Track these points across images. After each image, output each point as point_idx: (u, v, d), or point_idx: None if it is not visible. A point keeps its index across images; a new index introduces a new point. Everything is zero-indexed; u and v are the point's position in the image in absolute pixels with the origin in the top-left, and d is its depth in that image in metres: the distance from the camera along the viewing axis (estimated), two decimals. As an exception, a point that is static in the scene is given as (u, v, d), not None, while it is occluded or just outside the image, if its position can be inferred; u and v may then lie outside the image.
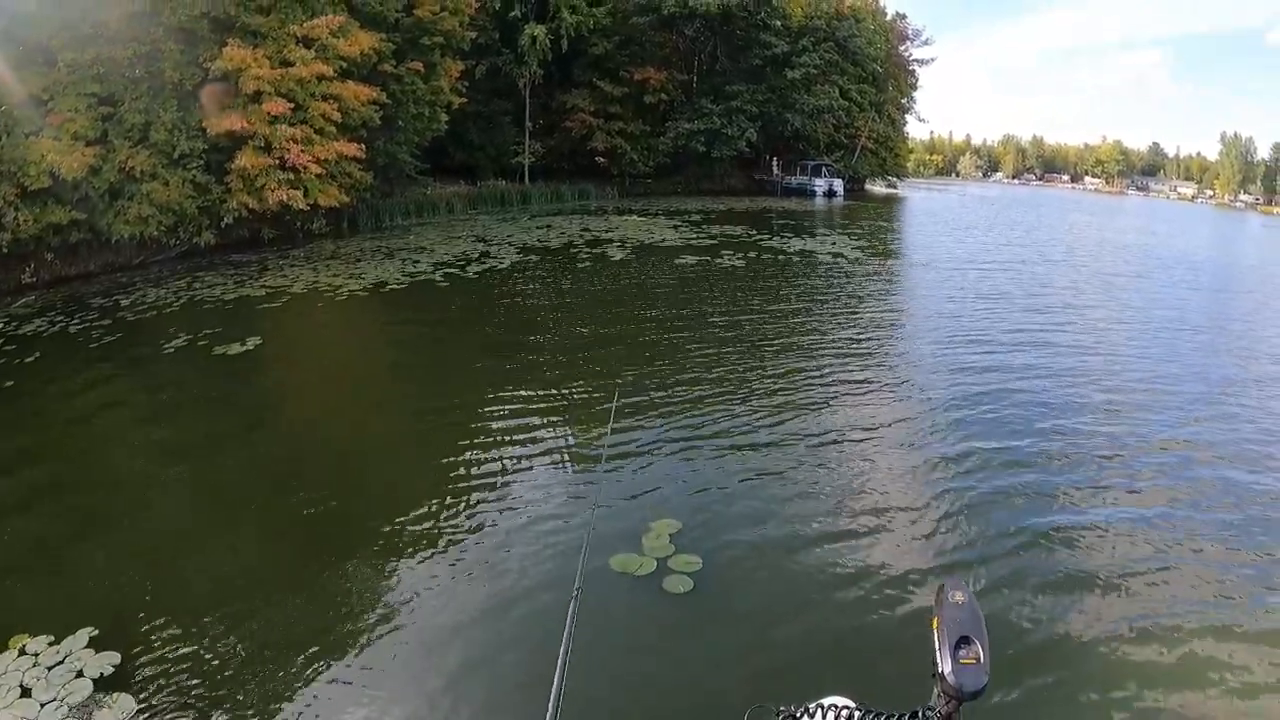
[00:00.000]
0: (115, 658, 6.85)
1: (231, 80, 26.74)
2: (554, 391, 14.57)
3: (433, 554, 8.94)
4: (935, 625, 2.32)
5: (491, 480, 10.83)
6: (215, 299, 21.13)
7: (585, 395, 14.49)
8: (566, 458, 11.66)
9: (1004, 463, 11.94)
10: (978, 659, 2.23)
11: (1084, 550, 9.48)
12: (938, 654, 2.27)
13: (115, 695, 6.47)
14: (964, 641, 2.25)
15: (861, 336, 19.76)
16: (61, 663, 6.77)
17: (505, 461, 11.43)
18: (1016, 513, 10.28)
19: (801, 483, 10.97)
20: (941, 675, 2.24)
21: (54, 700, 6.38)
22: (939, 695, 2.31)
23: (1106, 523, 10.25)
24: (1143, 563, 9.29)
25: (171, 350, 16.49)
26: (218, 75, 26.39)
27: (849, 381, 15.69)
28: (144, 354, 16.49)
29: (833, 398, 14.63)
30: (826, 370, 16.29)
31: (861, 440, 12.63)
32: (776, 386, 15.08)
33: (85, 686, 6.54)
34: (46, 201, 21.69)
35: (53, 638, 7.07)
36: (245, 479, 11.07)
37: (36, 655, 6.86)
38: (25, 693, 6.46)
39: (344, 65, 30.24)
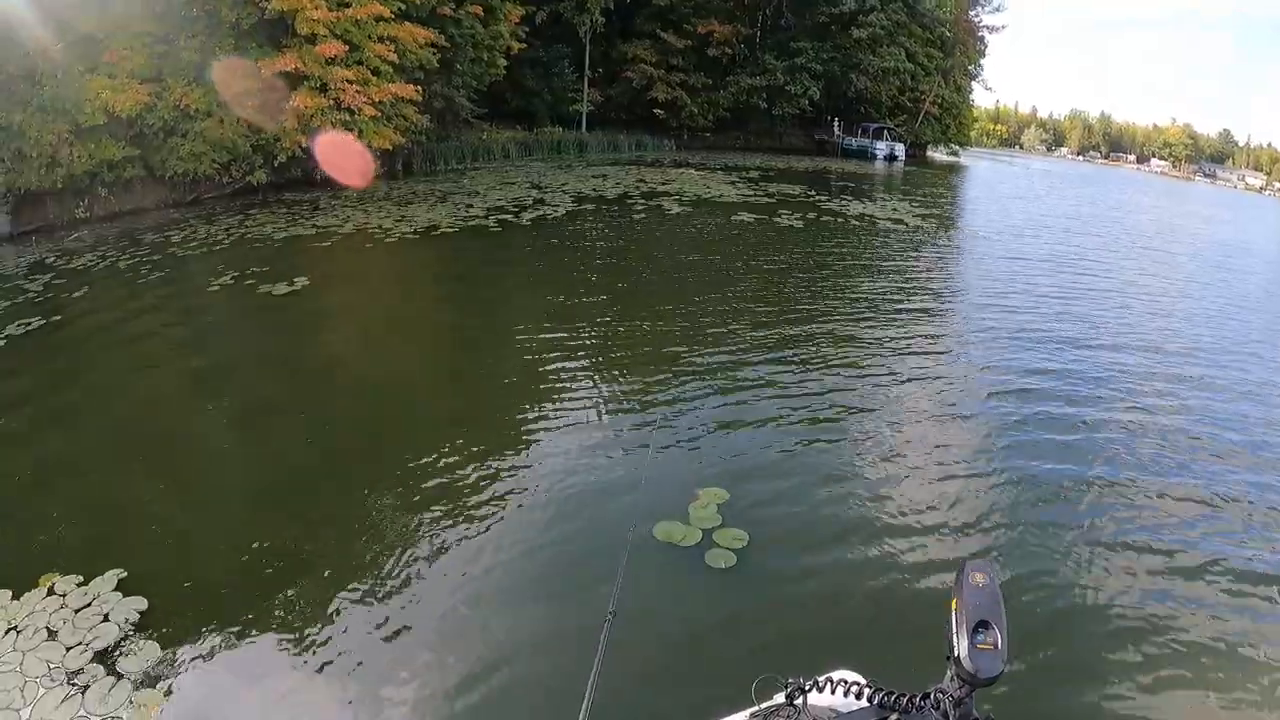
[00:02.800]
0: (142, 603, 6.66)
1: (288, 20, 26.53)
2: (605, 346, 14.20)
3: (466, 506, 8.69)
4: (954, 607, 2.27)
5: (534, 434, 10.54)
6: (265, 237, 21.03)
7: (638, 352, 14.05)
8: (615, 418, 11.24)
9: (1064, 446, 11.39)
10: (995, 644, 2.19)
11: (1132, 544, 9.01)
12: (954, 637, 2.22)
13: (141, 643, 6.28)
14: (982, 626, 2.20)
15: (921, 307, 19.11)
16: (89, 605, 6.60)
17: (550, 416, 11.13)
18: (1069, 502, 9.82)
19: (854, 457, 10.52)
20: (957, 659, 2.20)
21: (79, 644, 6.19)
22: (952, 678, 2.26)
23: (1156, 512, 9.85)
24: (1182, 561, 8.82)
25: (217, 288, 16.36)
26: (274, 15, 26.17)
27: (910, 353, 15.12)
28: (191, 291, 16.38)
29: (894, 371, 14.03)
30: (887, 341, 15.68)
31: (919, 417, 12.13)
32: (835, 355, 14.60)
33: (112, 632, 6.34)
34: (101, 138, 21.70)
35: (81, 578, 6.90)
36: (282, 418, 10.88)
37: (64, 596, 6.69)
38: (51, 635, 6.28)
39: (402, 6, 29.91)
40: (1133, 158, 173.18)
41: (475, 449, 10.03)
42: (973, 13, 77.56)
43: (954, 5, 70.38)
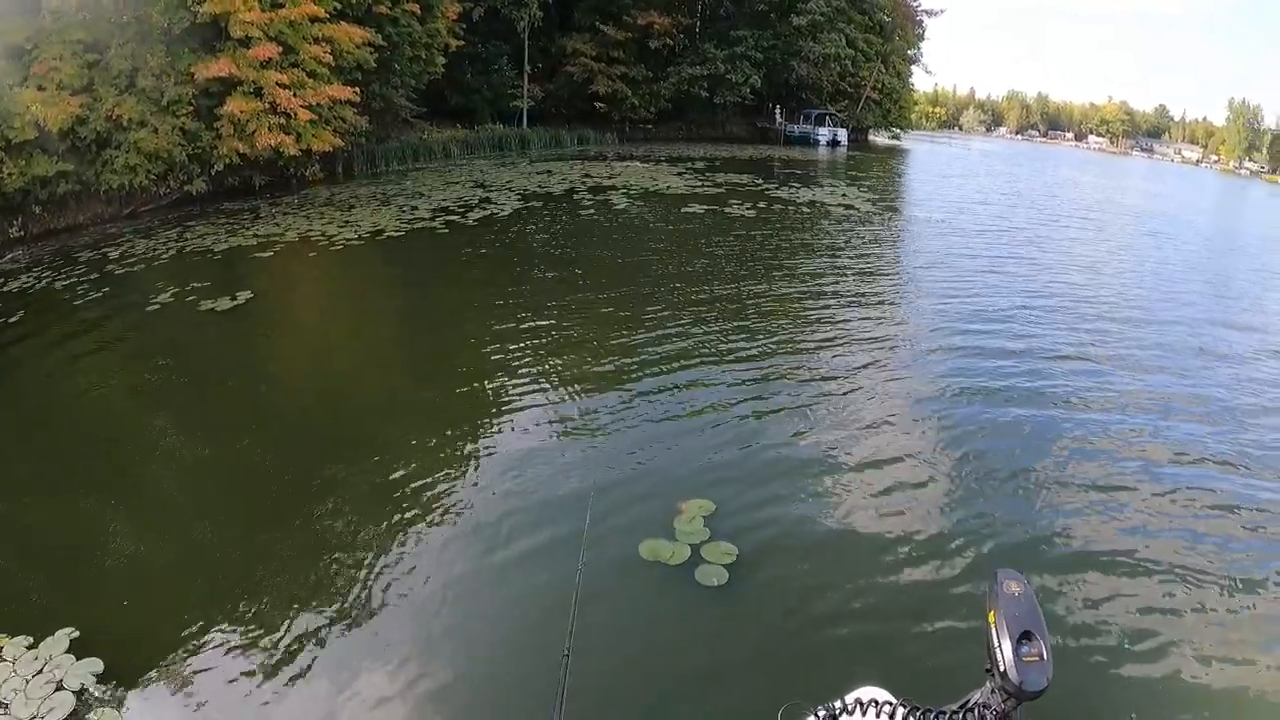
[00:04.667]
0: (98, 665, 6.32)
1: (221, 23, 25.92)
2: (564, 348, 14.12)
3: (430, 522, 8.61)
4: (992, 619, 2.24)
5: (493, 445, 10.50)
6: (205, 250, 20.58)
7: (599, 354, 13.90)
8: (575, 424, 11.15)
9: (1043, 439, 11.60)
10: (1040, 656, 2.16)
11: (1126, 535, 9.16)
12: (998, 650, 2.19)
13: (99, 711, 5.97)
14: (1025, 637, 2.17)
15: (885, 291, 19.52)
16: (40, 672, 6.25)
17: (509, 425, 11.05)
18: (1053, 507, 9.81)
19: (836, 454, 10.53)
20: (1002, 673, 2.17)
21: (34, 716, 5.87)
22: (995, 691, 2.23)
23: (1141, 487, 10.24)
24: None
25: (158, 306, 15.93)
26: (206, 19, 25.55)
27: (880, 339, 15.45)
28: (130, 311, 15.92)
29: (866, 360, 14.22)
30: (856, 328, 15.98)
31: (898, 406, 12.32)
32: (806, 348, 14.69)
33: (67, 702, 6.01)
34: (32, 153, 21.04)
35: (31, 639, 6.55)
36: (234, 446, 10.54)
37: (14, 662, 6.33)
38: (3, 707, 5.96)
39: (337, 6, 29.33)
40: (1070, 135, 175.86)
41: (432, 462, 9.96)
42: (911, -2, 78.26)
43: (892, -10, 70.98)
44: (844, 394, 12.58)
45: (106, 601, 7.25)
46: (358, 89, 30.53)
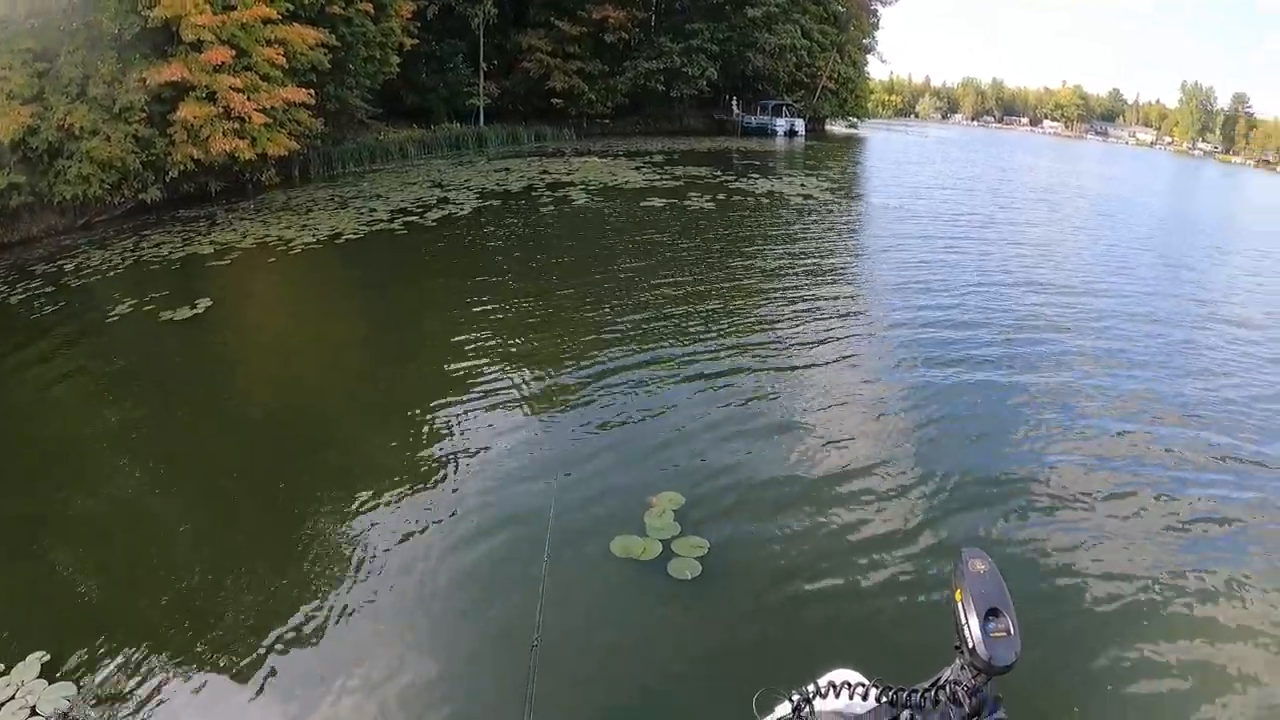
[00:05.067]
0: (70, 689, 6.29)
1: (172, 27, 25.67)
2: (527, 346, 14.22)
3: (397, 524, 8.65)
4: (959, 597, 2.28)
5: (458, 444, 10.52)
6: (162, 259, 20.37)
7: (562, 352, 14.01)
8: (539, 421, 11.29)
9: (1005, 414, 12.04)
10: (1008, 631, 2.20)
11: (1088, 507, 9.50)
12: (965, 627, 2.23)
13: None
14: (992, 614, 2.21)
15: (845, 279, 19.88)
16: (13, 698, 6.20)
17: (473, 424, 11.09)
18: (1017, 484, 10.09)
19: (803, 441, 10.75)
20: (971, 649, 2.21)
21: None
22: (964, 668, 2.27)
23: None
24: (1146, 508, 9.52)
25: (116, 318, 15.76)
26: (157, 23, 25.29)
27: (841, 325, 15.82)
28: (88, 324, 15.74)
29: (828, 345, 14.55)
30: (818, 315, 16.29)
31: (860, 389, 12.63)
32: (767, 336, 14.91)
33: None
34: (-18, 166, 20.77)
35: (2, 666, 6.50)
36: (199, 457, 10.55)
37: (-14, 690, 6.32)
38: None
39: (290, 7, 29.12)
40: (1025, 120, 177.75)
41: (396, 464, 10.03)
42: (866, -13, 78.80)
43: (847, -19, 71.41)
44: (807, 380, 12.87)
45: (76, 621, 7.23)
46: (312, 91, 30.35)
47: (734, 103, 69.88)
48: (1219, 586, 7.99)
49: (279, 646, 6.82)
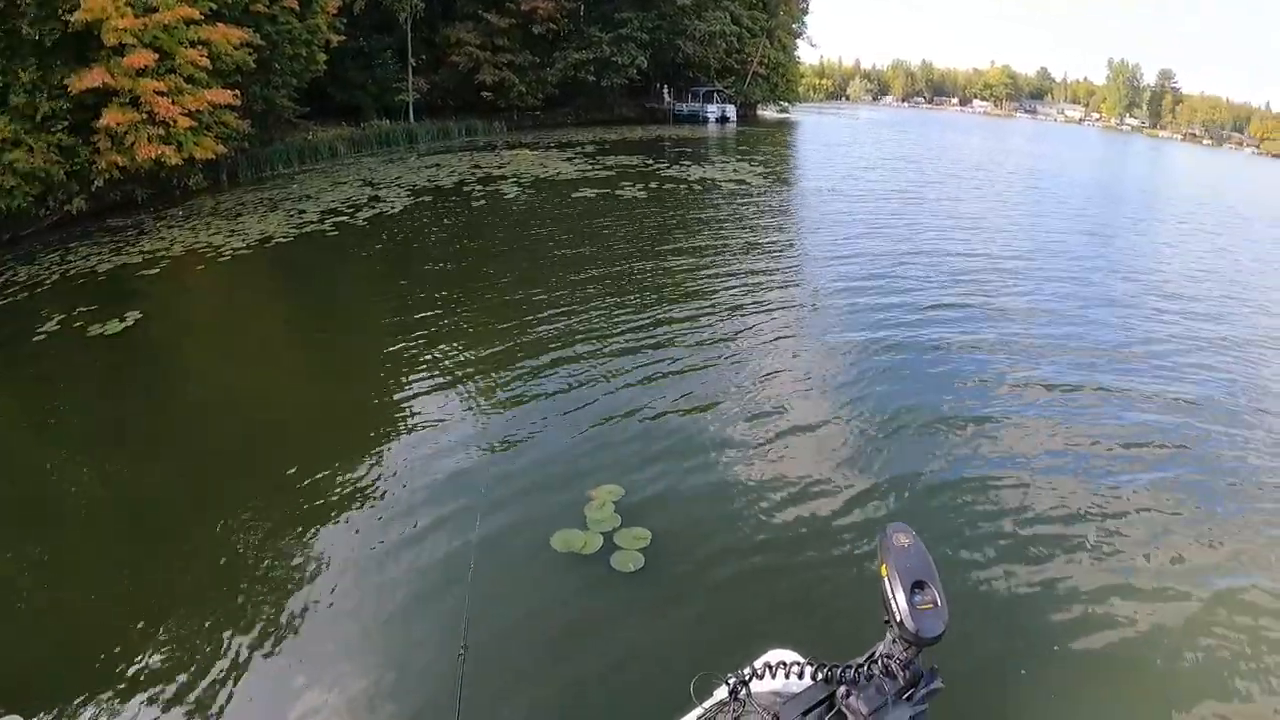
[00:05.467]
0: None
1: (94, 31, 25.29)
2: (460, 342, 14.38)
3: (334, 529, 8.78)
4: (884, 572, 2.30)
5: (393, 444, 10.73)
6: (90, 271, 20.14)
7: (495, 346, 14.22)
8: (474, 417, 11.49)
9: (931, 389, 12.56)
10: (935, 603, 2.24)
11: (1011, 486, 9.87)
12: (891, 601, 2.26)
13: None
14: (918, 586, 2.25)
15: (775, 260, 20.23)
16: None
17: (407, 423, 11.29)
18: (949, 451, 10.62)
19: (737, 426, 11.08)
20: (899, 622, 2.24)
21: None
22: (895, 641, 2.31)
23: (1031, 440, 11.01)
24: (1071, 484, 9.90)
25: (44, 336, 15.56)
26: (79, 27, 24.92)
27: (773, 306, 16.29)
28: (15, 342, 15.49)
29: (760, 328, 15.01)
30: (748, 299, 16.76)
31: (791, 372, 13.02)
32: (700, 322, 15.29)
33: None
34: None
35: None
36: (128, 472, 10.62)
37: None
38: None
39: (213, 7, 28.79)
40: (955, 101, 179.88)
41: (331, 467, 10.12)
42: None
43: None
44: (739, 364, 13.30)
45: (18, 649, 7.22)
46: (238, 92, 30.01)
47: (665, 91, 70.25)
48: (1147, 541, 8.55)
49: (220, 658, 6.92)
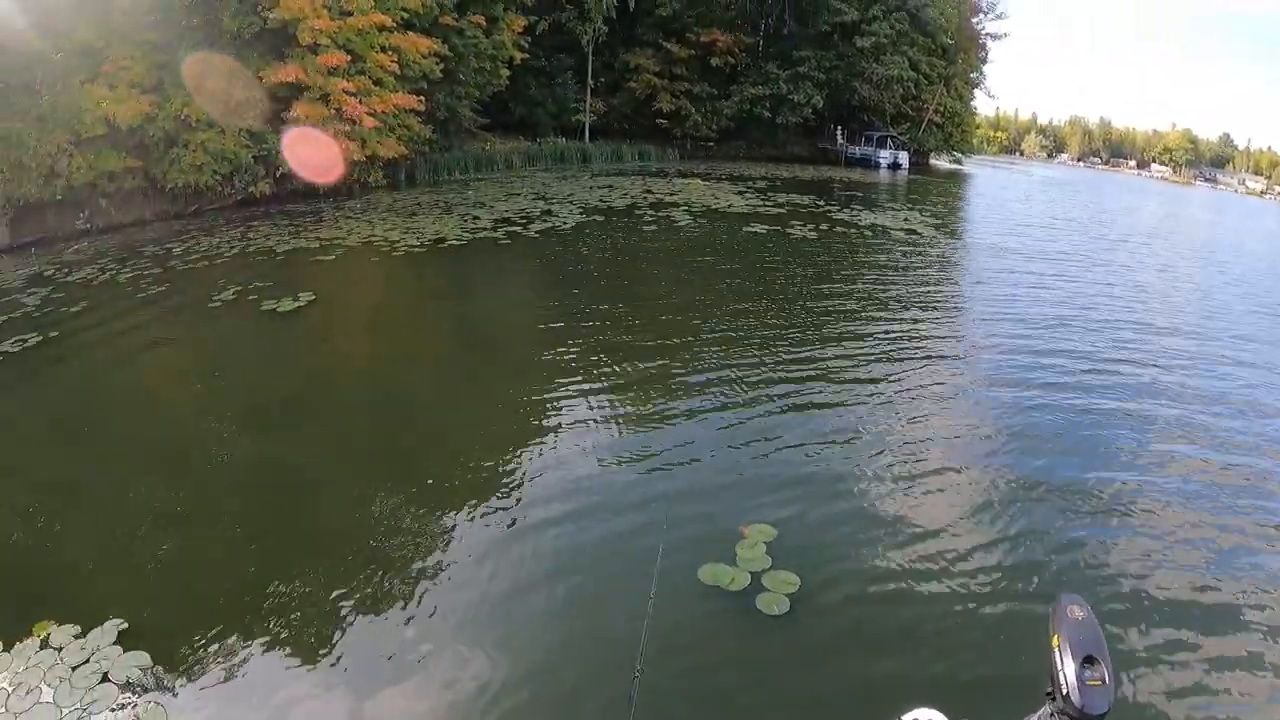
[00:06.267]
0: (145, 658, 6.05)
1: (290, 29, 26.08)
2: (625, 365, 13.57)
3: (477, 535, 8.22)
4: (1055, 643, 2.31)
5: (548, 460, 9.99)
6: (267, 250, 20.49)
7: (661, 373, 13.38)
8: (637, 440, 10.69)
9: (1105, 456, 11.13)
10: (1103, 680, 2.22)
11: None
12: (1060, 673, 2.25)
13: (144, 706, 5.69)
14: (1089, 661, 2.23)
15: (946, 319, 18.84)
16: (86, 661, 5.99)
17: (565, 440, 10.56)
18: (1110, 520, 9.40)
19: (903, 481, 9.96)
20: (1065, 695, 2.22)
21: (76, 707, 5.61)
22: (1055, 715, 2.28)
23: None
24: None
25: (219, 304, 15.76)
26: (276, 24, 25.74)
27: (940, 366, 14.70)
28: (192, 306, 15.80)
29: (928, 383, 13.59)
30: (917, 353, 15.22)
31: (959, 431, 11.74)
32: (866, 370, 14.10)
33: (110, 693, 5.76)
34: (101, 148, 21.37)
35: (79, 629, 6.29)
36: (287, 437, 10.47)
37: (60, 650, 6.10)
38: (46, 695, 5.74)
39: (405, 16, 29.61)
40: (1133, 163, 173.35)
41: (486, 473, 9.63)
42: (975, 20, 77.27)
43: (956, 14, 70.07)
44: (904, 416, 12.05)
45: (156, 593, 7.06)
46: (423, 98, 30.83)
47: (838, 132, 69.20)
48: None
49: (356, 640, 6.56)
